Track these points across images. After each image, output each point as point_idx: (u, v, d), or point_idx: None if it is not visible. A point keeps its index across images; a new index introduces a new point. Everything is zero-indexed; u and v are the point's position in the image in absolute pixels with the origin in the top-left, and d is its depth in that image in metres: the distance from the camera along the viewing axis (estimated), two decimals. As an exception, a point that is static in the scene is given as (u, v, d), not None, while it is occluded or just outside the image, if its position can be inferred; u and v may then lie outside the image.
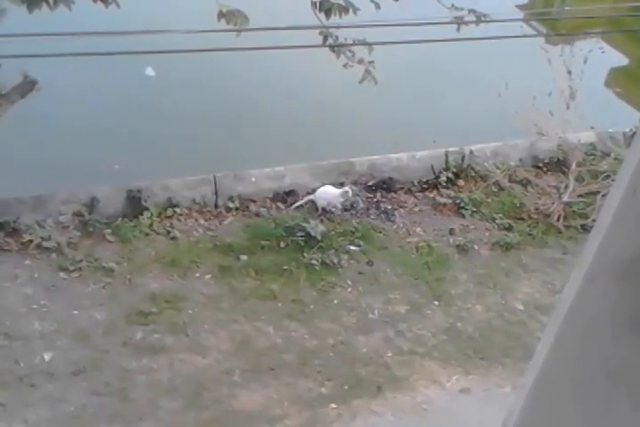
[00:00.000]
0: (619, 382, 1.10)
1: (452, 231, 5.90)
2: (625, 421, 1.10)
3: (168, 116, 6.92)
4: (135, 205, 5.52)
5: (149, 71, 7.20)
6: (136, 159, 6.33)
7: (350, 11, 4.05)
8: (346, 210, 5.93)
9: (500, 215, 6.08)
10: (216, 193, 5.81)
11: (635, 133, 6.60)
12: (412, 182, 6.26)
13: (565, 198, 6.10)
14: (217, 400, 4.39)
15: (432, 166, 6.33)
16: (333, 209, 5.86)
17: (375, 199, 6.12)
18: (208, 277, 5.20)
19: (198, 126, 6.86)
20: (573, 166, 6.22)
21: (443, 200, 6.15)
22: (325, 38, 4.18)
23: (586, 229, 5.91)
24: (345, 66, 4.28)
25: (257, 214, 5.77)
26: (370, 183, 6.19)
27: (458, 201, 6.13)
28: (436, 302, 5.26)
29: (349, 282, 5.33)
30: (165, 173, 5.90)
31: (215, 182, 5.82)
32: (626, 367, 1.09)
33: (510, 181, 6.31)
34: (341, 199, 5.87)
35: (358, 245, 5.61)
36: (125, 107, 6.90)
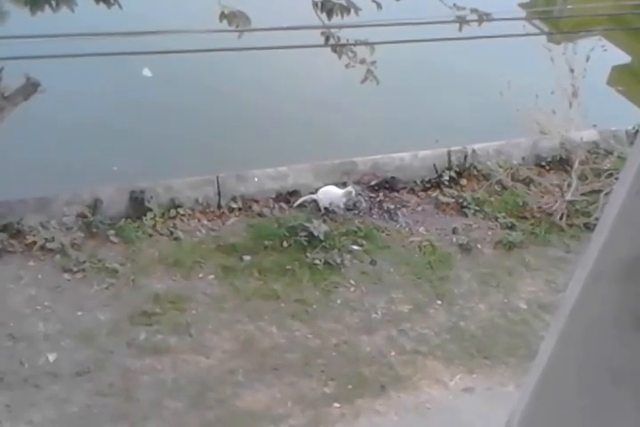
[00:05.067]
0: (622, 381, 1.10)
1: (454, 230, 5.90)
2: (628, 420, 1.10)
3: (170, 116, 6.92)
4: (138, 205, 5.53)
5: (146, 72, 7.20)
6: (138, 160, 6.34)
7: (352, 11, 4.05)
8: (349, 210, 5.93)
9: (503, 214, 6.07)
10: (219, 193, 5.81)
11: (638, 131, 6.59)
12: (415, 182, 6.26)
13: (568, 197, 6.10)
14: (221, 400, 4.40)
15: (434, 166, 6.33)
16: (336, 209, 5.86)
17: (378, 199, 6.12)
18: (211, 277, 5.21)
19: (200, 127, 6.87)
20: (576, 165, 6.21)
21: (445, 199, 6.15)
22: (327, 38, 4.19)
23: (589, 227, 5.91)
24: (347, 66, 4.28)
25: (260, 215, 5.78)
26: (372, 183, 6.19)
27: (460, 200, 6.13)
28: (439, 302, 5.26)
29: (352, 282, 5.33)
30: (167, 174, 5.91)
31: (218, 183, 5.82)
32: (629, 367, 1.09)
33: (513, 179, 6.31)
34: (344, 199, 5.87)
35: (361, 245, 5.61)
36: (125, 108, 6.90)
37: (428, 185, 6.26)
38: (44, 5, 3.73)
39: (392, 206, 6.06)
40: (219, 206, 5.79)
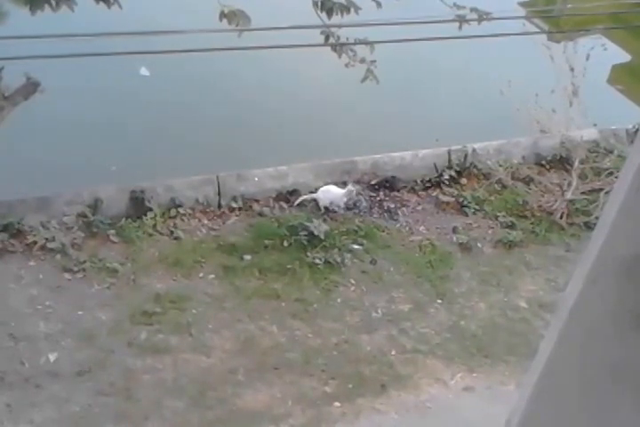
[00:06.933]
0: (622, 381, 1.10)
1: (455, 229, 5.90)
2: (628, 420, 1.11)
3: (169, 116, 6.92)
4: (139, 205, 5.53)
5: (144, 71, 7.20)
6: (137, 160, 6.34)
7: (352, 10, 4.05)
8: (349, 209, 5.93)
9: (503, 213, 6.07)
10: (219, 193, 5.81)
11: (638, 130, 6.59)
12: (415, 181, 6.26)
13: (568, 196, 6.10)
14: (221, 400, 4.40)
15: (435, 165, 6.33)
16: (336, 208, 5.87)
17: (378, 198, 6.12)
18: (212, 276, 5.21)
19: (199, 126, 6.86)
20: (576, 164, 6.21)
21: (446, 198, 6.15)
22: (327, 37, 4.19)
23: (589, 226, 5.91)
24: (347, 65, 4.28)
25: (260, 214, 5.78)
26: (373, 182, 6.19)
27: (461, 199, 6.13)
28: (439, 301, 5.27)
29: (353, 281, 5.33)
30: (167, 174, 5.91)
31: (218, 182, 5.82)
32: (630, 367, 1.09)
33: (513, 178, 6.31)
34: (344, 198, 5.87)
35: (361, 244, 5.61)
36: (124, 107, 6.89)
37: (428, 184, 6.26)
38: (44, 5, 3.72)
39: (392, 206, 6.06)
40: (219, 206, 5.79)
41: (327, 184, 5.94)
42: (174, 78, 7.27)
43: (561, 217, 6.07)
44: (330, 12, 4.04)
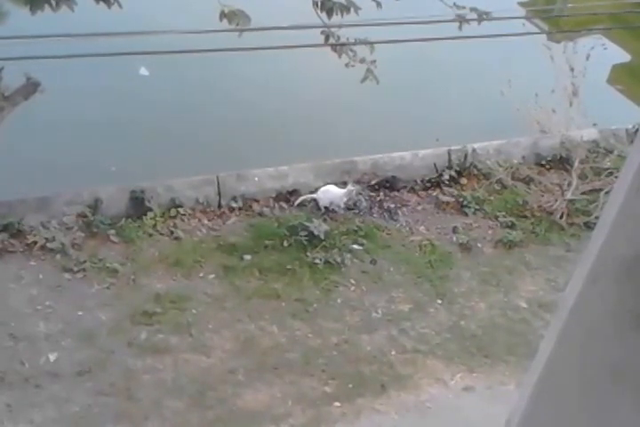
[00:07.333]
0: (622, 381, 1.10)
1: (455, 229, 5.90)
2: (628, 420, 1.11)
3: (169, 116, 6.92)
4: (139, 205, 5.53)
5: (143, 71, 7.20)
6: (137, 160, 6.34)
7: (352, 10, 4.05)
8: (349, 209, 5.94)
9: (503, 213, 6.07)
10: (219, 193, 5.82)
11: (638, 130, 6.59)
12: (415, 181, 6.26)
13: (568, 196, 6.10)
14: (221, 400, 4.41)
15: (435, 165, 6.33)
16: (336, 208, 5.87)
17: (378, 198, 6.12)
18: (212, 276, 5.22)
19: (199, 126, 6.87)
20: (576, 164, 6.21)
21: (446, 198, 6.15)
22: (327, 38, 4.19)
23: (589, 226, 5.91)
24: (347, 65, 4.28)
25: (260, 214, 5.78)
26: (373, 182, 6.20)
27: (461, 199, 6.14)
28: (439, 301, 5.27)
29: (353, 281, 5.33)
30: (167, 174, 5.91)
31: (218, 182, 5.83)
32: (630, 367, 1.09)
33: (513, 178, 6.31)
34: (344, 198, 5.87)
35: (361, 244, 5.62)
36: (123, 107, 6.89)
37: (428, 184, 6.26)
38: (44, 5, 3.72)
39: (392, 206, 6.06)
40: (219, 206, 5.79)
41: (327, 184, 5.94)
42: (174, 78, 7.28)
43: (561, 217, 6.07)
44: (330, 12, 4.05)
